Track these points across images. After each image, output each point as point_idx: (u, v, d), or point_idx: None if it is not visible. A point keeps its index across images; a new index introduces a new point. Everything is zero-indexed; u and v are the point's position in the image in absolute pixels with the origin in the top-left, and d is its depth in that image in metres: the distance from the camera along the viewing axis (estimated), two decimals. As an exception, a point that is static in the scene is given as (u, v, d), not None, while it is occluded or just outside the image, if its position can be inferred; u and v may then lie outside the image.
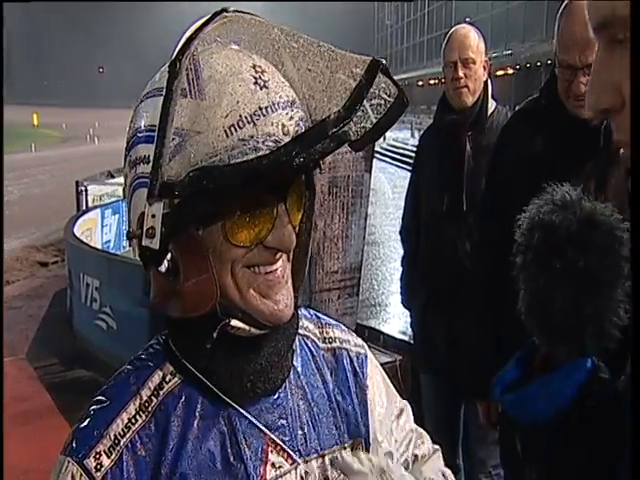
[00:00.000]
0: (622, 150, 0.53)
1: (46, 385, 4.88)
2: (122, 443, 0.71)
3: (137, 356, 0.78)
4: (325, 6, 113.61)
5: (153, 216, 0.65)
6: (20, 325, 6.05)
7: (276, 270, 0.71)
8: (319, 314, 0.91)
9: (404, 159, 21.18)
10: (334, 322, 0.91)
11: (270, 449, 0.75)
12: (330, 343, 0.87)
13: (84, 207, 8.75)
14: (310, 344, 0.85)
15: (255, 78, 0.66)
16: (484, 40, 2.42)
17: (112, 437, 0.71)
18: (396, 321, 6.66)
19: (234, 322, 0.70)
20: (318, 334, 0.87)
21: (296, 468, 0.76)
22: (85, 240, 6.78)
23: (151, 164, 0.65)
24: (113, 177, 10.55)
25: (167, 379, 0.75)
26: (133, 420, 0.72)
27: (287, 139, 0.65)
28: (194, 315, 0.69)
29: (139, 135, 0.69)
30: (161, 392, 0.74)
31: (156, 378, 0.75)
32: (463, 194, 2.32)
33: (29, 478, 3.38)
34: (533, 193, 1.84)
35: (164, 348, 0.77)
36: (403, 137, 28.17)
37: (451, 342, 2.37)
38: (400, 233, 2.76)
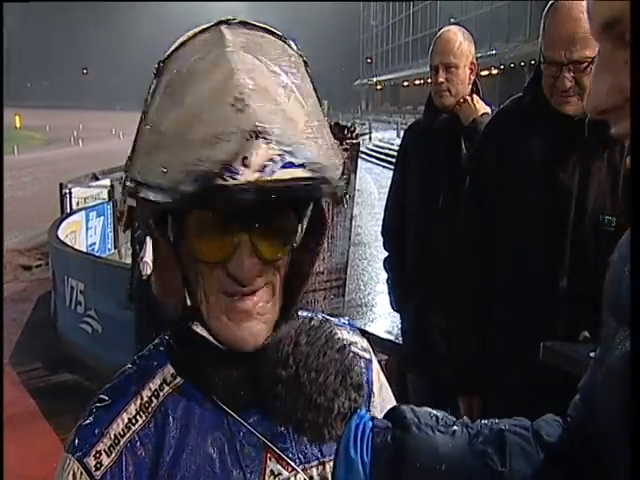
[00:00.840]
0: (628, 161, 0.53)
1: (30, 390, 4.83)
2: (122, 443, 0.71)
3: (140, 355, 0.78)
4: (316, 6, 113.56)
5: (124, 202, 0.67)
6: (3, 329, 5.98)
7: (251, 299, 0.69)
8: (326, 315, 0.88)
9: (390, 159, 21.22)
10: (341, 322, 0.89)
11: (269, 456, 0.74)
12: None
13: (68, 210, 8.69)
14: None
15: (236, 98, 0.61)
16: (474, 43, 2.44)
17: (112, 436, 0.71)
18: (382, 321, 6.67)
19: (197, 328, 0.71)
20: None
21: (295, 476, 0.75)
22: (69, 243, 6.72)
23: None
24: (98, 179, 10.47)
25: (168, 381, 0.75)
26: (133, 420, 0.72)
27: (244, 172, 0.60)
28: (166, 301, 0.71)
29: None
30: (161, 393, 0.74)
31: (157, 379, 0.75)
32: (460, 194, 2.32)
33: (13, 484, 3.34)
34: (519, 191, 1.86)
35: (167, 349, 0.77)
36: (389, 137, 28.25)
37: (448, 342, 2.37)
38: (382, 234, 2.75)
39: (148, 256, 0.68)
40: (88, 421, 0.73)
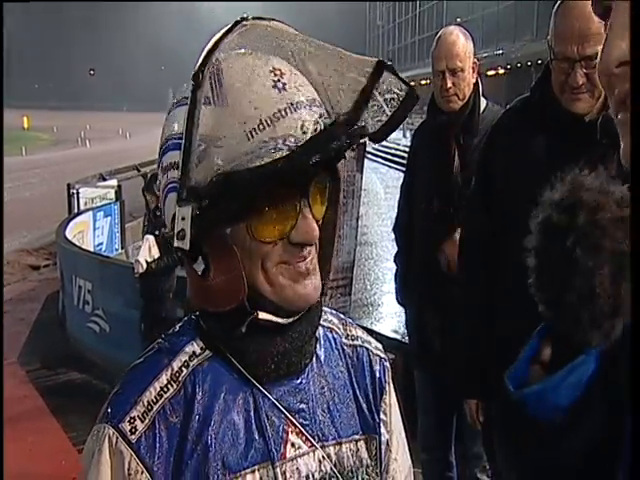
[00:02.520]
0: None
1: (38, 388, 4.86)
2: (155, 409, 0.75)
3: (169, 333, 0.82)
4: (322, 6, 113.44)
5: (183, 219, 0.70)
6: (11, 329, 6.01)
7: (305, 261, 0.75)
8: (339, 314, 0.94)
9: (396, 159, 21.19)
10: (356, 324, 0.94)
11: (290, 430, 0.78)
12: (352, 340, 0.90)
13: (76, 210, 8.72)
14: (335, 336, 0.88)
15: (274, 81, 0.70)
16: (473, 40, 2.42)
17: (145, 403, 0.75)
18: (388, 320, 6.67)
19: (262, 315, 0.74)
20: (342, 329, 0.90)
21: (314, 451, 0.79)
22: (77, 243, 6.75)
23: (179, 170, 0.71)
24: (105, 180, 10.50)
25: (197, 353, 0.79)
26: (165, 389, 0.76)
27: (306, 138, 0.69)
28: (226, 309, 0.74)
29: (169, 143, 0.75)
30: (191, 364, 0.78)
31: (187, 351, 0.79)
32: (453, 195, 2.33)
33: (21, 482, 3.36)
34: (526, 193, 1.84)
35: (195, 326, 0.81)
36: (395, 137, 28.14)
37: (445, 342, 2.38)
38: (394, 231, 2.77)
39: (143, 255, 0.72)
40: (120, 391, 0.77)
